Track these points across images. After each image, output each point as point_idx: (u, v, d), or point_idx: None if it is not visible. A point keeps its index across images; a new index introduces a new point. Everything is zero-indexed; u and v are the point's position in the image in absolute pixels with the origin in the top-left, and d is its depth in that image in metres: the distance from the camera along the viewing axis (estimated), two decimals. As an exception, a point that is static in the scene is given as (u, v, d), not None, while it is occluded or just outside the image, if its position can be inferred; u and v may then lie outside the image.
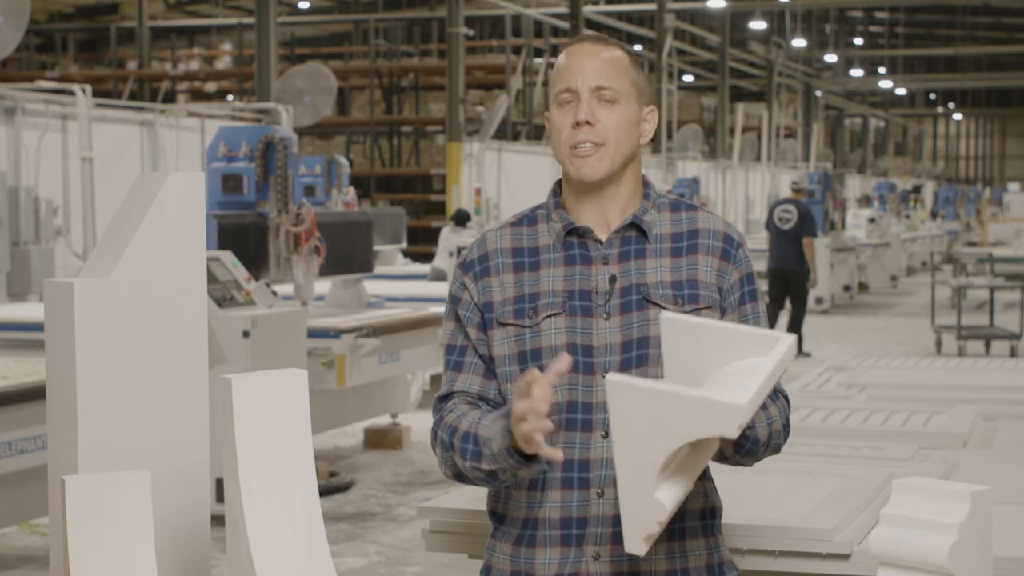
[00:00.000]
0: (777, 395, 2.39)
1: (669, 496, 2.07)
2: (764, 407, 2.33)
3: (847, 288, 20.51)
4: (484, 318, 2.40)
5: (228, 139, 8.15)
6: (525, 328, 2.36)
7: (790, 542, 2.87)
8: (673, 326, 2.11)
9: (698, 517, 2.37)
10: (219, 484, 2.02)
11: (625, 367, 2.32)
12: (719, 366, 2.08)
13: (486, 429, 2.26)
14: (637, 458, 2.07)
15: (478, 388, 2.39)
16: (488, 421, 2.27)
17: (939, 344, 13.88)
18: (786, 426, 2.40)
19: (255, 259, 7.90)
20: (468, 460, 2.29)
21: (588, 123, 2.34)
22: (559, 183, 2.47)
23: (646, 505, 2.07)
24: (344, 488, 7.81)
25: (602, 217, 2.40)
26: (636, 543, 2.11)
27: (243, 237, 7.80)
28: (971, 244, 30.40)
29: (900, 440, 4.02)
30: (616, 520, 2.24)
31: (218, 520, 2.01)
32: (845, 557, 2.84)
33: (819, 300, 18.59)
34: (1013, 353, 13.17)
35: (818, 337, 15.55)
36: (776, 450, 2.40)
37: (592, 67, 2.36)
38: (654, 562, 2.32)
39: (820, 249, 18.49)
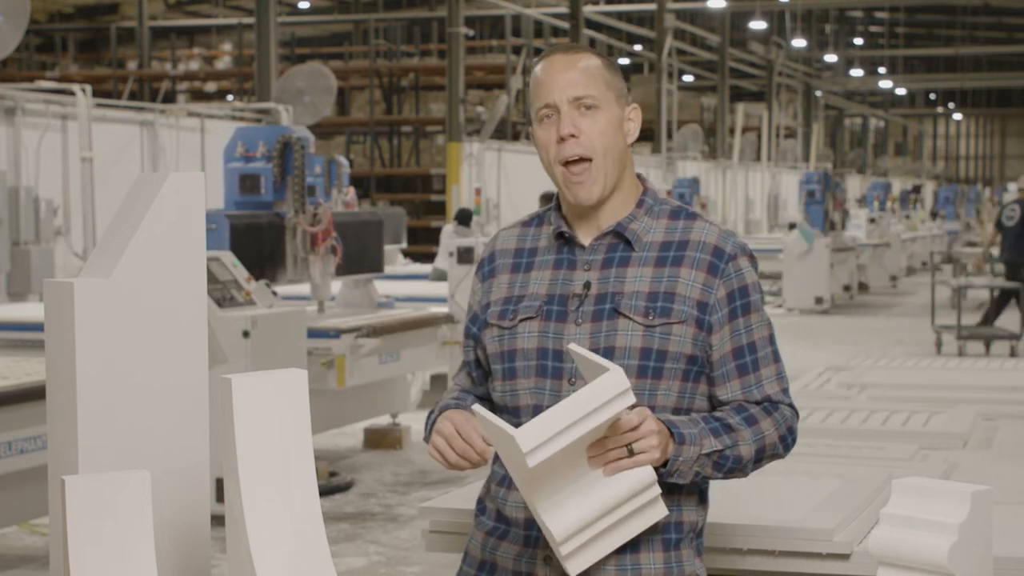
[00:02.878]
0: (776, 406, 2.38)
1: (558, 521, 2.13)
2: (754, 422, 2.34)
3: (847, 288, 20.52)
4: (480, 320, 2.48)
5: (245, 139, 8.16)
6: (505, 330, 2.41)
7: (790, 542, 2.87)
8: (575, 355, 2.22)
9: (660, 530, 2.31)
10: (219, 484, 2.02)
11: None
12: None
13: (435, 412, 2.44)
14: (517, 480, 2.16)
15: (465, 388, 2.54)
16: (441, 405, 2.46)
17: (939, 344, 13.88)
18: (784, 437, 2.38)
19: (270, 259, 7.92)
20: (425, 434, 2.45)
21: (572, 135, 2.34)
22: None
23: (544, 529, 2.17)
24: (344, 488, 7.81)
25: (594, 222, 2.41)
26: (563, 560, 2.18)
27: (257, 237, 7.81)
28: (971, 244, 30.40)
29: (900, 440, 4.02)
30: None
31: (218, 520, 2.01)
32: (845, 557, 2.84)
33: (819, 300, 18.61)
34: (1013, 353, 13.17)
35: (818, 337, 15.56)
36: (775, 459, 2.41)
37: (567, 78, 2.34)
38: (604, 571, 2.29)
39: (820, 248, 18.52)
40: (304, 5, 28.28)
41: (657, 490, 2.21)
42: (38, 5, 23.17)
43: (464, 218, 14.12)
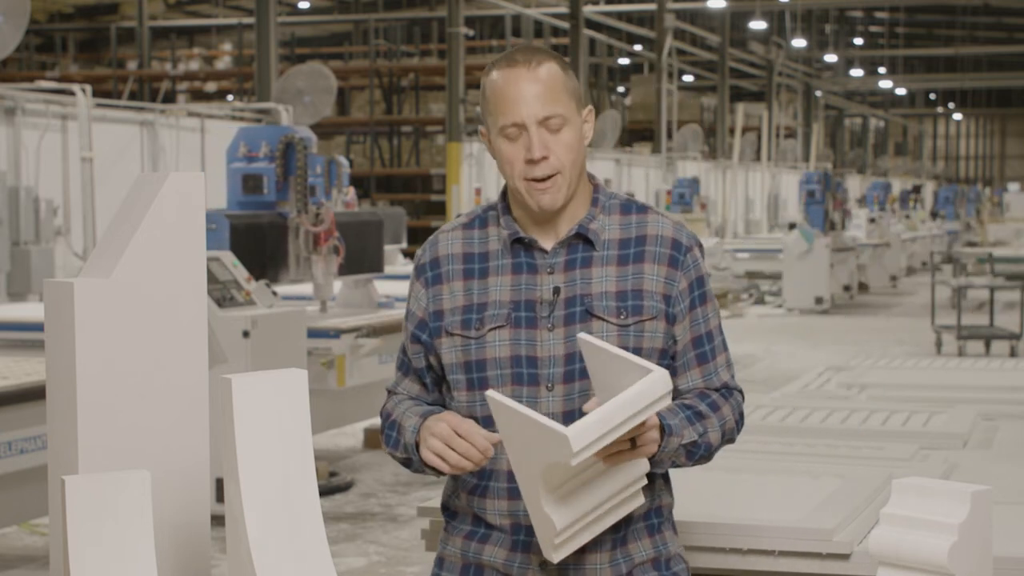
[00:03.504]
0: (731, 392, 2.43)
1: (560, 513, 2.13)
2: (716, 408, 2.38)
3: (847, 288, 20.52)
4: (431, 328, 2.43)
5: (248, 139, 8.17)
6: (471, 339, 2.38)
7: (790, 542, 2.87)
8: (586, 346, 2.19)
9: (642, 519, 2.39)
10: (219, 484, 2.02)
11: (569, 379, 2.33)
12: (618, 390, 2.12)
13: (405, 418, 2.39)
14: (523, 472, 2.15)
15: (416, 395, 2.49)
16: (410, 412, 2.40)
17: (939, 344, 13.88)
18: (739, 421, 2.45)
19: (272, 259, 7.92)
20: (388, 447, 2.43)
21: (544, 158, 2.32)
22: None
23: (541, 518, 2.15)
24: (344, 488, 7.81)
25: (550, 225, 2.39)
26: (548, 551, 2.19)
27: (259, 237, 7.82)
28: (971, 244, 30.40)
29: (900, 440, 4.03)
30: None
31: (218, 520, 2.01)
32: (845, 557, 2.84)
33: (819, 300, 18.61)
34: (1013, 353, 13.17)
35: (818, 337, 15.56)
36: (731, 443, 2.46)
37: (532, 94, 2.31)
38: (599, 570, 2.34)
39: (819, 248, 18.52)
40: (304, 5, 28.28)
41: (644, 481, 2.26)
42: (38, 5, 23.17)
43: None
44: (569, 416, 2.29)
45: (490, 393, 2.11)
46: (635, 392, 2.07)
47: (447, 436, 2.26)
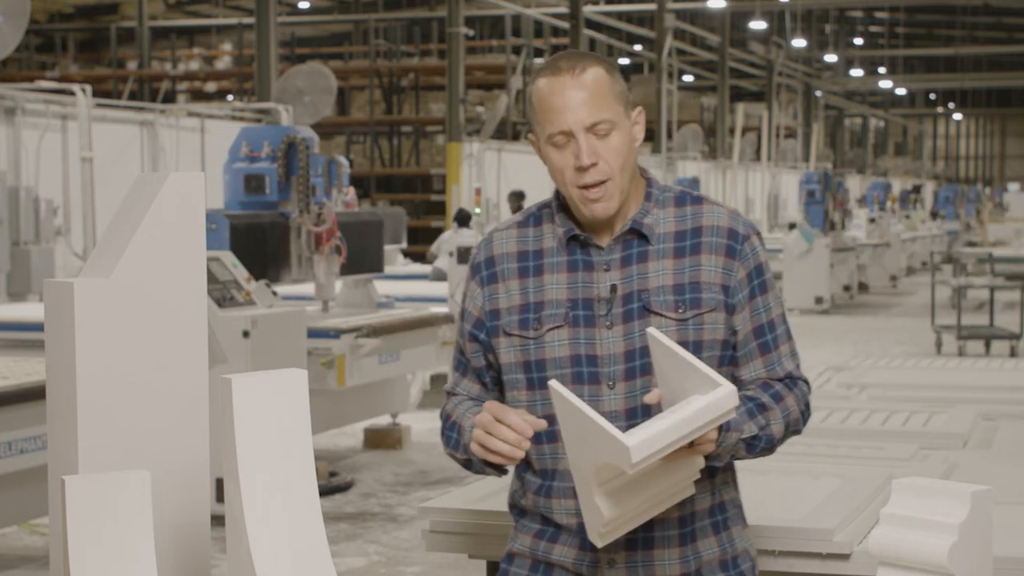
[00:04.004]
0: (795, 382, 2.42)
1: (609, 505, 2.13)
2: (780, 399, 2.36)
3: (847, 288, 20.51)
4: (488, 327, 2.42)
5: (250, 139, 8.18)
6: (529, 340, 2.37)
7: (790, 542, 2.87)
8: (654, 341, 2.17)
9: (707, 516, 2.39)
10: (219, 484, 2.02)
11: (629, 376, 2.32)
12: (683, 393, 2.12)
13: (465, 420, 2.38)
14: (578, 462, 2.14)
15: (476, 395, 2.47)
16: (469, 413, 2.39)
17: (939, 344, 13.88)
18: (804, 412, 2.43)
19: (274, 259, 7.92)
20: (448, 447, 2.42)
21: (593, 164, 2.32)
22: None
23: (590, 506, 2.15)
24: (344, 488, 7.81)
25: (605, 222, 2.38)
26: (594, 536, 2.19)
27: (260, 237, 7.82)
28: (971, 244, 30.40)
29: (900, 440, 4.02)
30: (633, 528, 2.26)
31: (218, 520, 2.01)
32: (845, 557, 2.84)
33: (819, 300, 18.60)
34: (1013, 353, 13.17)
35: (818, 337, 15.56)
36: (797, 434, 2.45)
37: (579, 100, 2.30)
38: (668, 567, 2.34)
39: (819, 248, 18.52)
40: (304, 5, 28.28)
41: (698, 475, 2.25)
42: (38, 5, 23.17)
43: (463, 219, 14.18)
44: (631, 413, 2.30)
45: (553, 383, 2.09)
46: (701, 407, 2.06)
47: (487, 423, 2.24)
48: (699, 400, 2.07)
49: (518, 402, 2.39)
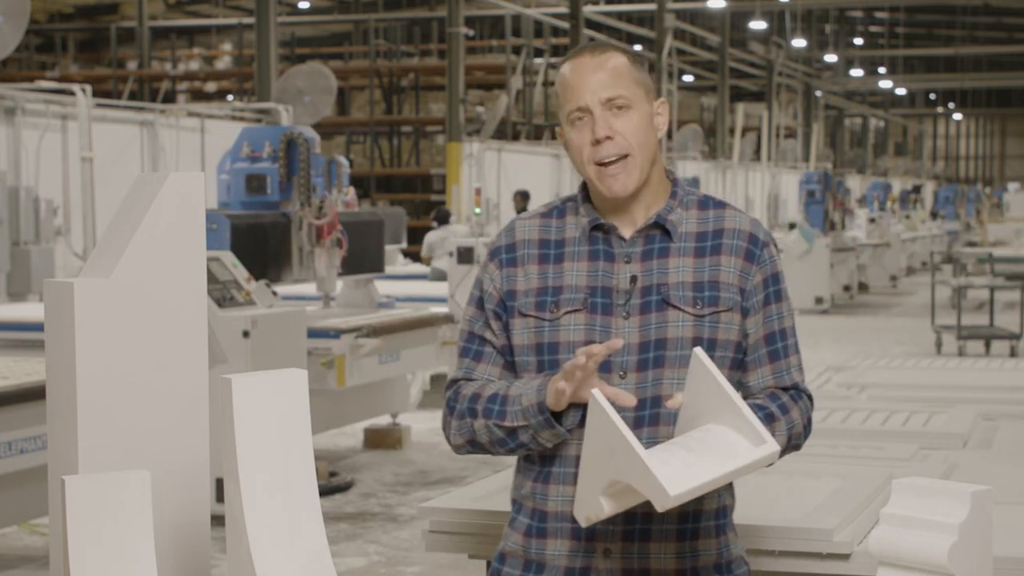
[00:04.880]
0: (801, 395, 2.43)
1: (612, 504, 2.13)
2: (786, 411, 2.36)
3: (847, 288, 20.51)
4: (507, 307, 2.41)
5: (251, 139, 8.19)
6: (545, 321, 2.37)
7: (790, 542, 2.87)
8: (698, 362, 2.15)
9: (712, 517, 2.39)
10: (219, 484, 2.02)
11: (642, 367, 2.32)
12: (712, 419, 2.12)
13: (518, 389, 2.32)
14: (593, 459, 2.13)
15: (497, 378, 2.42)
16: (521, 383, 2.33)
17: (939, 344, 13.88)
18: (807, 426, 2.44)
19: (275, 258, 7.93)
20: (492, 419, 2.33)
21: (608, 137, 2.34)
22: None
23: (591, 497, 2.15)
24: (344, 488, 7.81)
25: (628, 215, 2.40)
26: (580, 517, 2.19)
27: (261, 236, 7.83)
28: (971, 244, 30.39)
29: (900, 440, 4.02)
30: (628, 518, 2.26)
31: (218, 520, 2.01)
32: (845, 557, 2.84)
33: (819, 300, 18.60)
34: (1013, 353, 13.17)
35: (818, 337, 15.56)
36: (796, 449, 2.44)
37: (597, 80, 2.34)
38: (664, 560, 2.34)
39: (819, 248, 18.52)
40: (304, 5, 28.27)
41: None
42: (38, 5, 23.17)
43: (443, 217, 14.40)
44: (640, 405, 2.29)
45: (596, 394, 2.08)
46: (744, 463, 2.06)
47: (577, 365, 2.20)
48: (744, 451, 2.07)
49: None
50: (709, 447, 2.09)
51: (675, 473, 2.01)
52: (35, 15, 19.75)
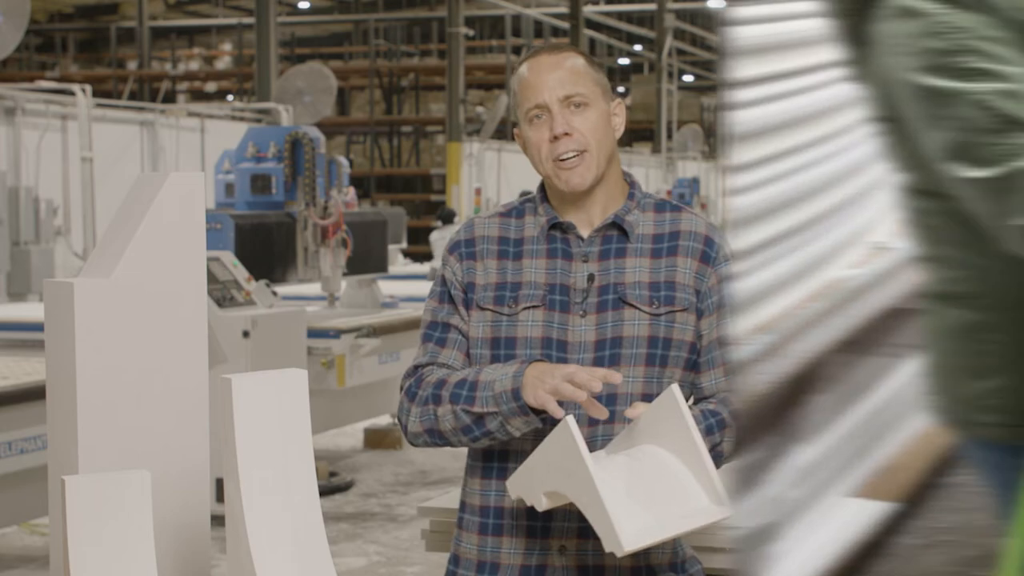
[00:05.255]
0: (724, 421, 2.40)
1: (551, 501, 2.15)
2: (725, 425, 2.34)
3: (847, 288, 20.50)
4: (467, 298, 2.42)
5: (257, 139, 8.20)
6: (503, 316, 2.38)
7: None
8: (669, 396, 2.16)
9: None
10: (219, 484, 2.02)
11: (597, 365, 2.32)
12: (670, 459, 2.14)
13: (489, 375, 2.29)
14: (549, 464, 2.13)
15: (461, 365, 2.41)
16: (492, 369, 2.31)
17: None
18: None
19: (280, 258, 7.93)
20: (460, 404, 2.30)
21: (567, 134, 2.35)
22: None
23: (532, 489, 2.17)
24: (344, 488, 7.81)
25: (585, 215, 2.41)
26: (515, 493, 2.21)
27: (266, 236, 7.83)
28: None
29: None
30: (583, 515, 2.26)
31: (218, 520, 2.01)
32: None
33: (819, 300, 18.60)
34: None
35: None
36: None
37: (556, 78, 2.37)
38: (619, 558, 2.32)
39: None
40: (304, 5, 28.28)
41: None
42: (38, 5, 23.18)
43: (448, 217, 14.36)
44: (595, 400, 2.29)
45: (570, 421, 2.08)
46: (702, 524, 2.08)
47: (570, 372, 2.20)
48: (704, 509, 2.09)
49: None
50: (667, 493, 2.10)
51: (634, 529, 2.02)
52: (35, 15, 19.76)
